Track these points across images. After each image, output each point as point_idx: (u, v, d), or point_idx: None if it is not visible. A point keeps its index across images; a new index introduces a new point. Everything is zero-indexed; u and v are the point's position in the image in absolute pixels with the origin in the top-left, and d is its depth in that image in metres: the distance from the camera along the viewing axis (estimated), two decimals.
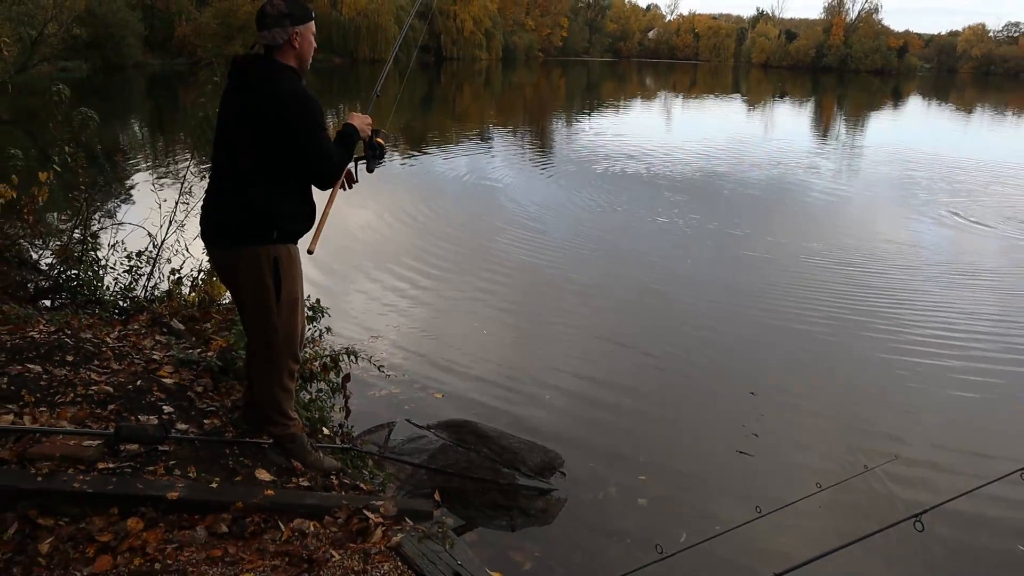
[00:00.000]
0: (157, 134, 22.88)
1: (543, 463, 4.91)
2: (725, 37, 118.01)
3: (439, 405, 5.84)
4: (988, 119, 41.11)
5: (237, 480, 3.43)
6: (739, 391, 6.51)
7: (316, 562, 2.85)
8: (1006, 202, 15.30)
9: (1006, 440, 5.80)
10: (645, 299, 8.79)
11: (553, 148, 22.43)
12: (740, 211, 13.77)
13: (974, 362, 7.03)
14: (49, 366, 4.05)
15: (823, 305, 8.47)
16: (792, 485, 4.45)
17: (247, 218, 3.40)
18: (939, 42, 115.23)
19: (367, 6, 64.97)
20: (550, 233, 11.53)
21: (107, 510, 3.03)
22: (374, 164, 3.84)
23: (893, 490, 4.89)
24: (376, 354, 6.18)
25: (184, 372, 4.31)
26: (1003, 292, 9.30)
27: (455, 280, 8.96)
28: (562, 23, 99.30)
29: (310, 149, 3.38)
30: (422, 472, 4.66)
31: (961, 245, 11.67)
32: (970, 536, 4.57)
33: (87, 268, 5.88)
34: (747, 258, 10.60)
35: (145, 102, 33.06)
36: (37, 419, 3.52)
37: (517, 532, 4.37)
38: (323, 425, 4.61)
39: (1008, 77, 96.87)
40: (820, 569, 2.62)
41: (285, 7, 3.37)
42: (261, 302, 3.51)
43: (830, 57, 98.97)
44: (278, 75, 3.38)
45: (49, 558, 2.80)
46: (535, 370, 6.67)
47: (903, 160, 20.80)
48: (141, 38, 45.99)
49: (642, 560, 2.87)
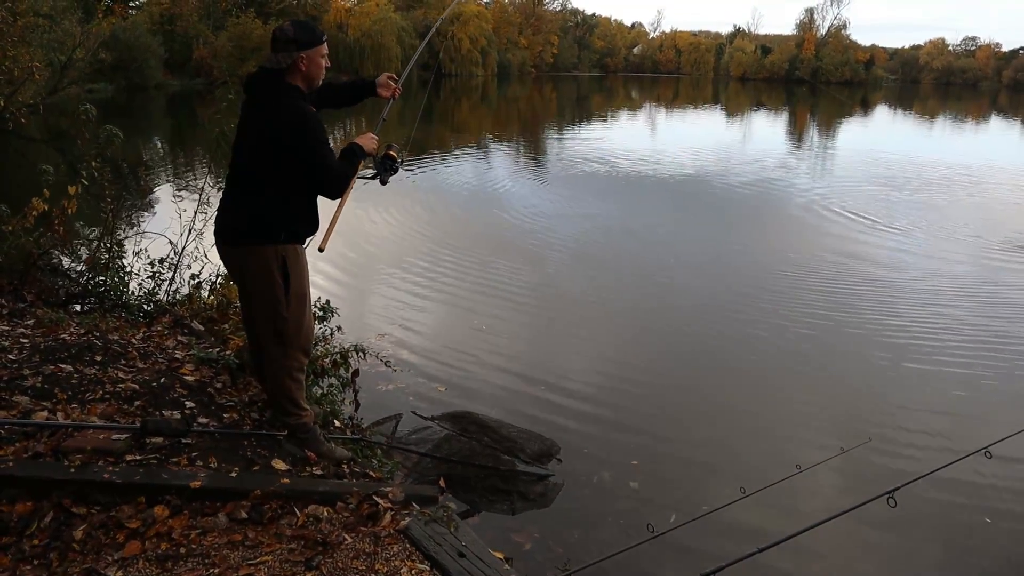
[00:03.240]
0: (177, 149, 22.83)
1: (541, 450, 4.91)
2: (705, 52, 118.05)
3: (442, 398, 5.82)
4: (950, 126, 41.16)
5: (255, 470, 3.43)
6: (723, 381, 6.54)
7: (330, 545, 2.84)
8: (973, 203, 15.33)
9: (972, 422, 5.80)
10: (634, 296, 8.78)
11: (546, 156, 22.40)
12: (722, 213, 13.78)
13: (942, 351, 7.02)
14: (80, 366, 4.05)
15: (802, 301, 8.46)
16: (774, 467, 4.43)
17: (256, 221, 3.44)
18: (903, 55, 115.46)
19: (371, 27, 64.91)
20: (544, 234, 11.51)
21: (135, 499, 3.04)
22: (386, 177, 3.85)
23: (868, 470, 4.90)
24: (383, 351, 6.18)
25: (204, 370, 4.31)
26: (968, 284, 9.31)
27: (455, 280, 8.94)
28: (553, 41, 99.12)
29: (313, 164, 3.42)
30: (427, 460, 4.65)
31: (933, 244, 11.65)
32: (940, 510, 4.58)
33: (113, 274, 5.88)
34: (730, 255, 10.59)
35: (165, 120, 33.03)
36: (69, 415, 3.53)
37: (517, 515, 4.36)
38: (334, 418, 4.61)
39: (966, 87, 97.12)
40: (800, 544, 2.62)
41: (293, 33, 3.40)
42: (271, 296, 3.52)
43: (802, 70, 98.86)
44: (280, 93, 3.42)
45: (83, 544, 2.80)
46: (532, 363, 6.66)
47: (873, 162, 20.81)
48: (161, 60, 45.85)
49: (635, 539, 2.86)
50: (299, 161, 3.39)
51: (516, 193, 15.16)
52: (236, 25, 50.34)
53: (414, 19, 70.67)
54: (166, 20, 50.45)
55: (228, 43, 48.96)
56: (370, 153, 3.76)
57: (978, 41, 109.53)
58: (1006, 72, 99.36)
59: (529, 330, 7.53)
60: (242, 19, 50.73)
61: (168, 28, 49.91)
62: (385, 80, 4.09)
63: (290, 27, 3.42)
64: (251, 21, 50.30)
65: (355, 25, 65.27)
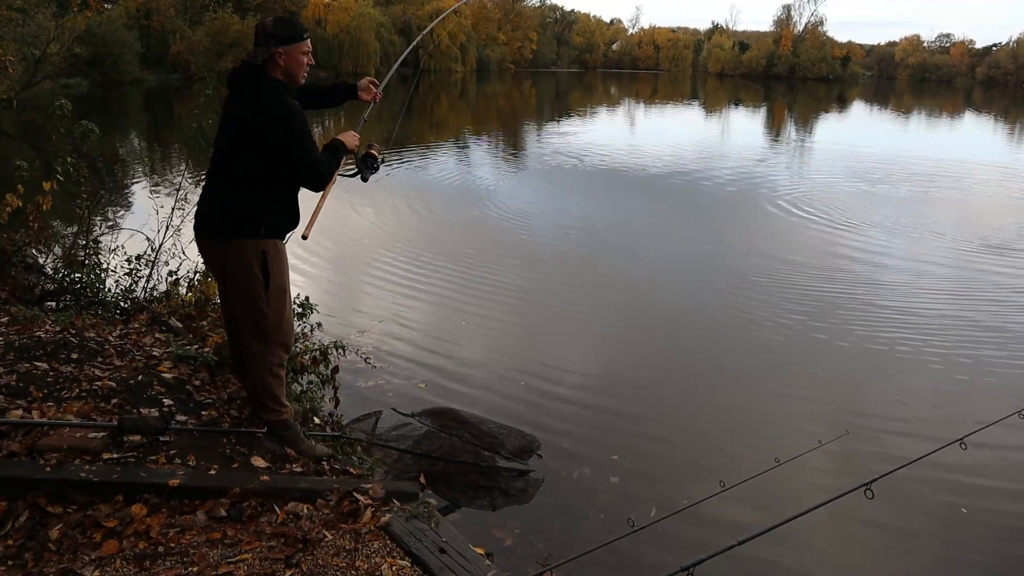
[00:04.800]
0: (154, 145, 22.65)
1: (521, 446, 4.91)
2: (683, 48, 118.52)
3: (423, 394, 5.81)
4: (925, 121, 41.57)
5: (234, 467, 3.40)
6: (703, 376, 6.58)
7: (310, 542, 2.83)
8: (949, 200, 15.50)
9: (946, 413, 5.86)
10: (614, 292, 8.79)
11: (526, 152, 22.39)
12: (700, 209, 13.86)
13: (917, 346, 7.09)
14: (55, 363, 4.00)
15: (779, 296, 8.51)
16: (753, 461, 4.46)
17: (236, 215, 3.43)
18: (879, 52, 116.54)
19: (349, 23, 64.68)
20: (523, 230, 11.51)
21: (112, 497, 3.01)
22: (368, 174, 3.86)
23: (845, 462, 4.94)
24: (363, 347, 6.16)
25: (182, 367, 4.27)
26: (943, 279, 9.40)
27: (435, 277, 8.92)
28: (532, 37, 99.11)
29: (297, 157, 3.40)
30: (408, 457, 4.64)
31: (909, 240, 11.75)
32: (917, 501, 4.62)
33: (90, 271, 5.81)
34: (708, 252, 10.65)
35: (142, 115, 32.71)
36: (45, 413, 3.49)
37: (498, 511, 4.36)
38: (314, 415, 4.59)
39: (941, 83, 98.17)
40: (780, 535, 2.63)
41: (272, 28, 3.40)
42: (250, 290, 3.50)
43: (780, 66, 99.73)
44: (264, 87, 3.41)
45: (59, 543, 2.77)
46: (513, 359, 6.66)
47: (850, 157, 20.98)
48: (138, 56, 45.43)
49: (616, 533, 2.86)
50: (283, 153, 3.37)
51: (495, 189, 15.14)
52: (214, 20, 49.93)
53: (393, 15, 70.42)
54: (143, 14, 50.04)
55: (205, 38, 48.54)
56: (352, 150, 3.76)
57: (952, 38, 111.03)
58: (979, 68, 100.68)
59: (509, 326, 7.53)
60: (220, 14, 50.28)
61: (145, 23, 49.49)
62: (367, 84, 4.10)
63: (271, 22, 3.43)
64: (229, 16, 49.87)
65: (334, 21, 64.97)
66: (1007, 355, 6.94)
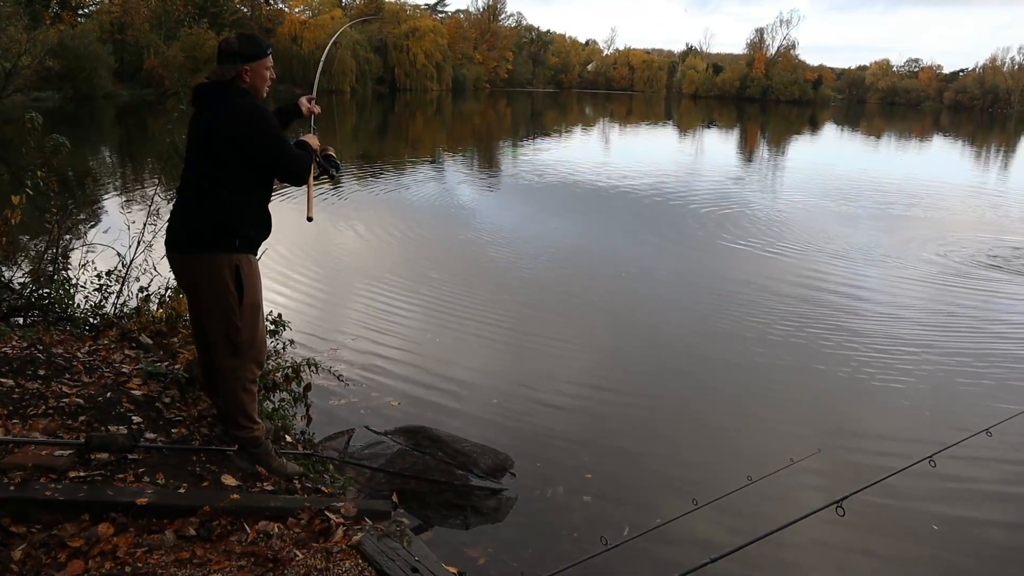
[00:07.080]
0: (126, 160, 22.47)
1: (494, 465, 4.89)
2: (658, 70, 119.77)
3: (395, 412, 5.78)
4: (895, 144, 42.25)
5: (204, 485, 3.36)
6: (676, 395, 6.61)
7: (281, 561, 2.79)
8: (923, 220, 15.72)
9: (916, 432, 5.92)
10: (589, 311, 8.82)
11: (500, 171, 22.46)
12: (676, 229, 13.92)
13: (889, 365, 7.16)
14: (21, 380, 3.94)
15: (753, 316, 8.56)
16: (726, 479, 4.47)
17: (210, 225, 3.44)
18: (850, 75, 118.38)
19: (325, 40, 64.64)
20: (497, 247, 11.52)
21: (78, 516, 2.95)
22: (333, 171, 3.97)
23: (817, 480, 4.96)
24: (335, 365, 6.11)
25: (152, 384, 4.22)
26: (915, 300, 9.52)
27: (408, 295, 8.89)
28: (507, 56, 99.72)
29: (277, 151, 3.50)
30: (380, 475, 4.61)
31: (882, 262, 11.90)
32: (888, 518, 4.66)
33: (59, 287, 5.73)
34: (682, 272, 10.73)
35: (115, 130, 32.45)
36: (10, 431, 3.42)
37: (471, 530, 4.34)
38: (286, 433, 4.55)
39: (910, 107, 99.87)
40: (752, 553, 2.64)
41: (237, 46, 3.50)
42: (224, 305, 3.50)
43: (753, 88, 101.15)
44: (231, 94, 3.48)
45: (22, 564, 2.71)
46: (486, 377, 6.66)
47: (822, 178, 21.26)
48: (111, 70, 45.22)
49: (589, 551, 2.85)
50: (262, 152, 3.45)
51: (470, 209, 15.17)
52: (189, 36, 49.82)
53: (368, 32, 70.58)
54: (116, 28, 49.85)
55: (180, 53, 48.45)
56: (315, 149, 3.85)
57: (921, 63, 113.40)
58: (947, 93, 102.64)
59: (483, 345, 7.52)
60: (195, 30, 50.19)
61: (119, 37, 49.30)
62: (305, 101, 4.17)
63: (235, 40, 3.53)
64: (204, 32, 49.82)
65: (309, 38, 65.00)
66: (976, 374, 7.04)
